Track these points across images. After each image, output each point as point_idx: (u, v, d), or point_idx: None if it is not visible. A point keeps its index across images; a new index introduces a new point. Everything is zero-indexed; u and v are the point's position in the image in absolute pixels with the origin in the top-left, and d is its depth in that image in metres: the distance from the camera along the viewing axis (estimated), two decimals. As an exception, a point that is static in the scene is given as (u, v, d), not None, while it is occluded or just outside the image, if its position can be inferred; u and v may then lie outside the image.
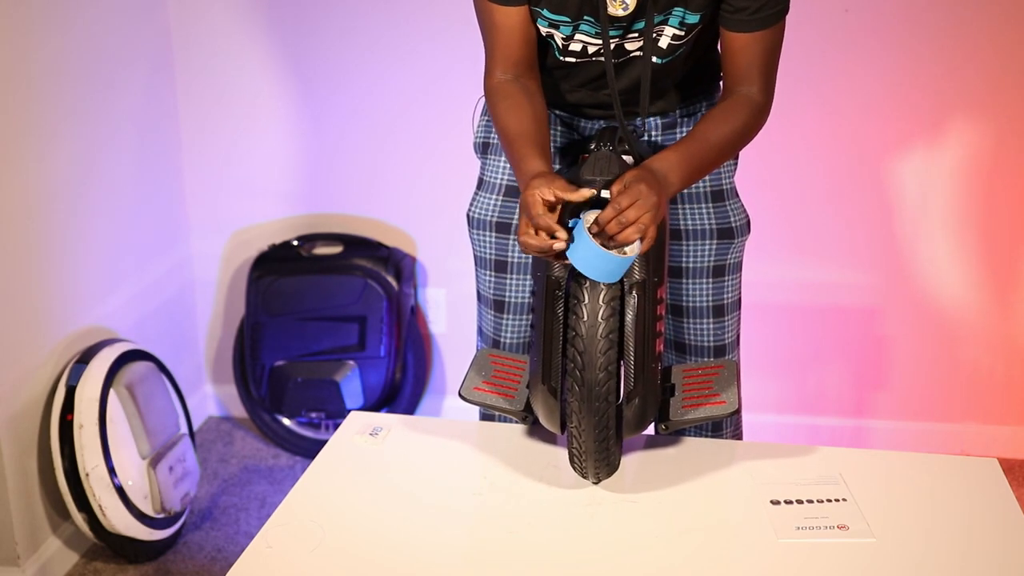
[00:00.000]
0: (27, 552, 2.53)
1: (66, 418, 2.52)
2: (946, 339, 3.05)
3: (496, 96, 1.80)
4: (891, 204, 2.95)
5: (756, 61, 1.77)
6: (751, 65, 1.77)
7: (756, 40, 1.75)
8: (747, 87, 1.78)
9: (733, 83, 1.80)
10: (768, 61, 1.78)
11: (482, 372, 1.85)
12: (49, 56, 2.52)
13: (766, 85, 1.79)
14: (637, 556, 1.58)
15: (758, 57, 1.76)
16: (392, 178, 3.13)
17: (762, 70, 1.78)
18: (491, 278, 2.01)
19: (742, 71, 1.78)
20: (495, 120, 1.80)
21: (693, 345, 2.01)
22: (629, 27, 1.76)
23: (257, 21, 3.03)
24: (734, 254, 1.98)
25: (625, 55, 1.81)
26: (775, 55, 1.79)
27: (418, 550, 1.59)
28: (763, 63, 1.77)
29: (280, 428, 3.18)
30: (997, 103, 2.85)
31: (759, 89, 1.78)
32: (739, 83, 1.79)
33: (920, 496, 1.71)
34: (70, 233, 2.65)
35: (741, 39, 1.75)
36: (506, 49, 1.80)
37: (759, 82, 1.78)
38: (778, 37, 1.78)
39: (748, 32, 1.74)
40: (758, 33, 1.74)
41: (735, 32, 1.75)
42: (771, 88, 1.81)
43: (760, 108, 1.79)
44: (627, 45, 1.79)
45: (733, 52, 1.77)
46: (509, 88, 1.79)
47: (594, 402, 1.61)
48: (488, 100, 1.82)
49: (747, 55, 1.76)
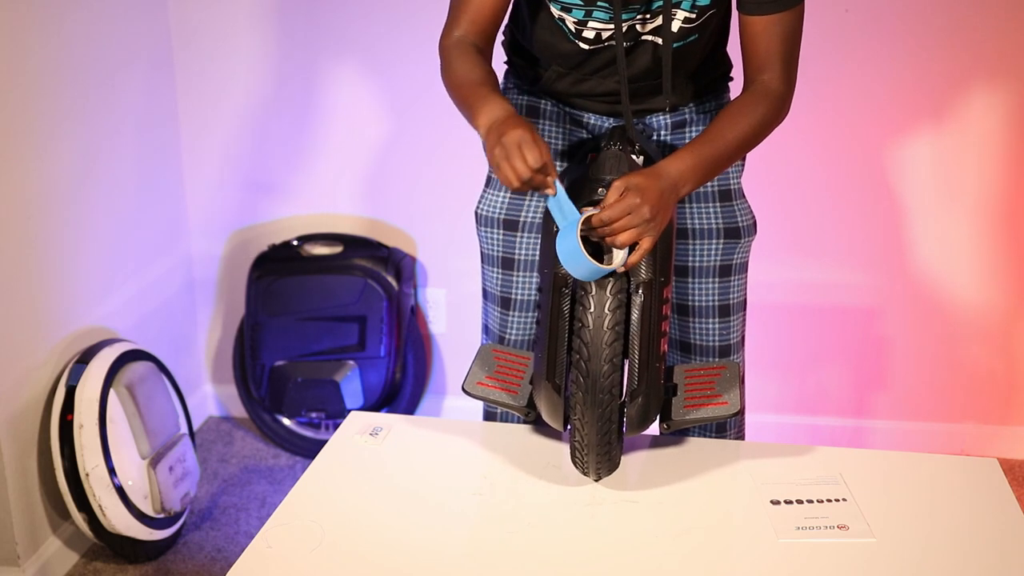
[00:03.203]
0: (27, 552, 2.53)
1: (66, 418, 2.52)
2: (946, 339, 3.05)
3: (453, 52, 1.77)
4: (891, 204, 2.95)
5: (775, 46, 1.74)
6: (769, 51, 1.74)
7: (774, 23, 1.73)
8: (766, 74, 1.75)
9: (753, 72, 1.77)
10: (788, 47, 1.75)
11: (485, 367, 1.85)
12: (49, 55, 2.52)
13: (786, 72, 1.76)
14: (637, 555, 1.58)
15: (776, 42, 1.74)
16: (392, 178, 3.13)
17: (782, 56, 1.75)
18: (498, 275, 2.00)
19: (761, 58, 1.75)
20: (449, 71, 1.76)
21: (698, 345, 2.01)
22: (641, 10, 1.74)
23: (257, 21, 3.03)
24: (740, 254, 1.98)
25: (637, 38, 1.79)
26: (795, 41, 1.76)
27: (418, 550, 1.59)
28: (782, 48, 1.75)
29: (280, 428, 3.18)
30: (997, 103, 2.85)
31: (778, 76, 1.75)
32: (758, 71, 1.76)
33: (920, 496, 1.71)
34: (70, 233, 2.64)
35: (759, 23, 1.73)
36: (475, 15, 1.77)
37: (778, 68, 1.75)
38: (797, 21, 1.75)
39: (766, 15, 1.72)
40: (776, 16, 1.72)
41: (753, 16, 1.73)
42: (792, 76, 1.78)
43: (780, 98, 1.76)
44: (639, 27, 1.78)
45: (751, 38, 1.75)
46: (466, 46, 1.76)
47: (598, 394, 1.61)
48: (443, 56, 1.78)
49: (765, 40, 1.74)
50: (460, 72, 1.74)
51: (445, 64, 1.78)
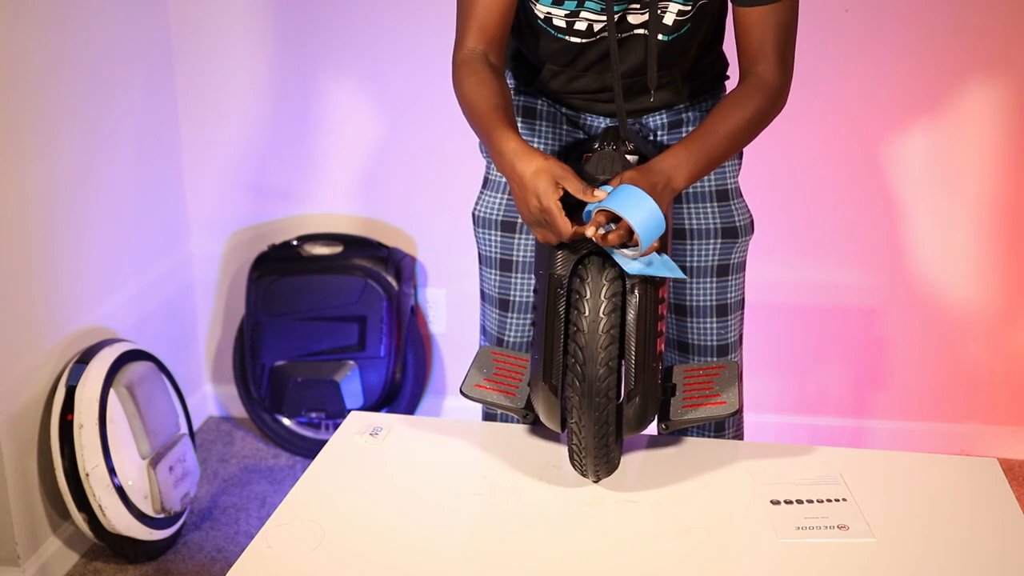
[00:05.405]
0: (27, 552, 2.53)
1: (66, 418, 2.52)
2: (946, 339, 3.05)
3: (465, 70, 1.75)
4: (891, 204, 2.95)
5: (769, 37, 1.73)
6: (764, 41, 1.73)
7: (768, 14, 1.72)
8: (761, 67, 1.74)
9: (747, 64, 1.76)
10: (782, 37, 1.74)
11: (483, 369, 1.85)
12: (49, 55, 2.52)
13: (781, 63, 1.75)
14: (637, 556, 1.58)
15: (771, 32, 1.72)
16: (392, 178, 3.13)
17: (776, 47, 1.73)
18: (496, 277, 2.00)
19: (755, 49, 1.74)
20: (462, 94, 1.75)
21: (696, 344, 2.01)
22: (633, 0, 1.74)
23: (257, 21, 3.03)
24: (738, 254, 1.98)
25: (629, 30, 1.79)
26: (790, 32, 1.75)
27: (418, 550, 1.59)
28: (777, 39, 1.73)
29: (280, 428, 3.18)
30: (997, 103, 2.85)
31: (773, 68, 1.74)
32: (753, 63, 1.75)
33: (920, 496, 1.71)
34: (70, 233, 2.64)
35: (753, 14, 1.72)
36: (483, 20, 1.76)
37: (773, 59, 1.74)
38: (792, 13, 1.74)
39: (760, 6, 1.71)
40: (770, 7, 1.71)
41: (747, 7, 1.72)
42: (788, 67, 1.76)
43: (775, 90, 1.75)
44: (631, 18, 1.77)
45: (746, 29, 1.74)
46: (478, 64, 1.75)
47: (594, 397, 1.61)
48: (456, 72, 1.77)
49: (759, 30, 1.73)
50: (468, 96, 1.73)
51: (456, 83, 1.77)
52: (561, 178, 1.60)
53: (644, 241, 1.57)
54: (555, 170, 1.60)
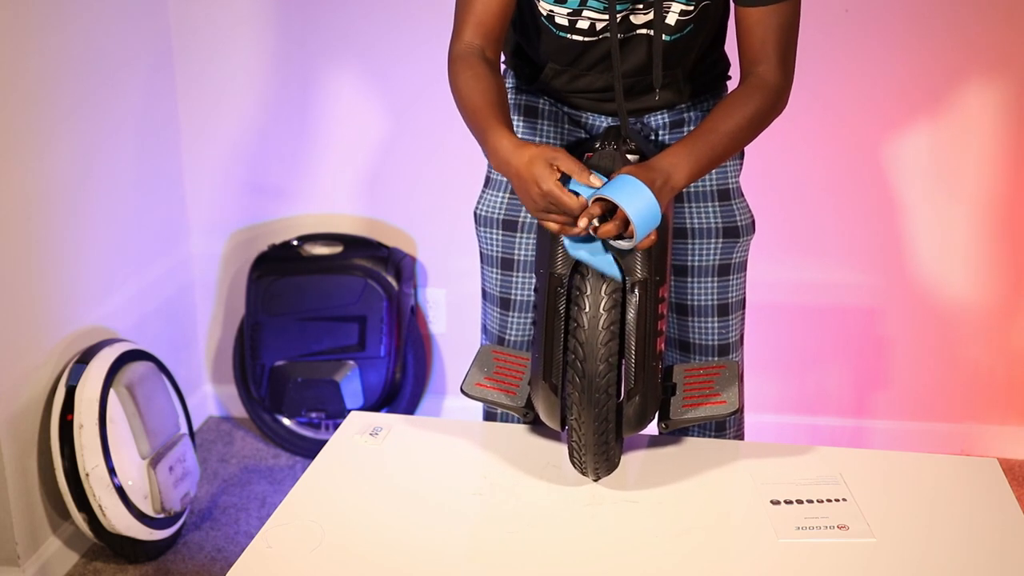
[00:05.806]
0: (27, 552, 2.53)
1: (66, 418, 2.52)
2: (946, 339, 3.05)
3: (461, 64, 1.75)
4: (891, 204, 2.95)
5: (771, 37, 1.72)
6: (765, 42, 1.73)
7: (770, 14, 1.72)
8: (762, 67, 1.74)
9: (749, 64, 1.76)
10: (784, 38, 1.74)
11: (484, 368, 1.85)
12: (49, 56, 2.52)
13: (782, 64, 1.75)
14: (637, 555, 1.58)
15: (772, 33, 1.72)
16: (392, 178, 3.13)
17: (777, 47, 1.73)
18: (497, 276, 2.00)
19: (756, 49, 1.74)
20: (458, 88, 1.74)
21: (697, 344, 2.01)
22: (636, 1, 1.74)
23: (257, 21, 3.03)
24: (739, 253, 1.98)
25: (632, 30, 1.79)
26: (791, 33, 1.75)
27: (418, 550, 1.59)
28: (778, 39, 1.73)
29: (280, 428, 3.18)
30: (997, 102, 2.85)
31: (774, 68, 1.74)
32: (754, 63, 1.75)
33: (920, 496, 1.71)
34: (70, 233, 2.64)
35: (754, 14, 1.72)
36: (482, 15, 1.75)
37: (774, 60, 1.74)
38: (793, 13, 1.74)
39: (762, 6, 1.71)
40: (772, 7, 1.71)
41: (749, 7, 1.72)
42: (789, 68, 1.76)
43: (776, 90, 1.75)
44: (634, 19, 1.77)
45: (747, 29, 1.74)
46: (474, 59, 1.75)
47: (594, 394, 1.61)
48: (451, 66, 1.76)
49: (760, 31, 1.72)
50: (465, 90, 1.72)
51: (451, 77, 1.76)
52: (554, 159, 1.59)
53: (639, 231, 1.56)
54: (547, 153, 1.59)
